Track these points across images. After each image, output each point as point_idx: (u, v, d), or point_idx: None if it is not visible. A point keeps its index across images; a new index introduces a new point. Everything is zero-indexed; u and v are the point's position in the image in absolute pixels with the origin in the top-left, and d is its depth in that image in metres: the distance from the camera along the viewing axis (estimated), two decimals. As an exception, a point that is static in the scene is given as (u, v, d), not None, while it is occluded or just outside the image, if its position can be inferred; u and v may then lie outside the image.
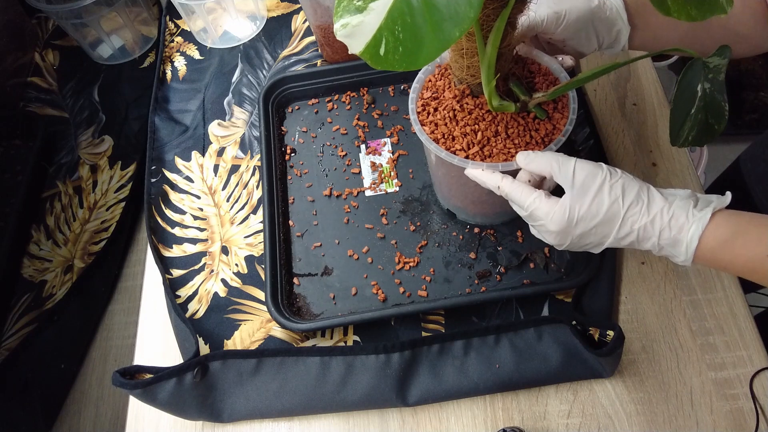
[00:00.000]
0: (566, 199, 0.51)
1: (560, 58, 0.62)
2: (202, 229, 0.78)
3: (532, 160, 0.54)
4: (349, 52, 0.39)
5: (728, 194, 0.49)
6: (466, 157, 0.57)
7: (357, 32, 0.38)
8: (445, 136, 0.59)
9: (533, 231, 0.56)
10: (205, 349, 0.68)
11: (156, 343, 0.71)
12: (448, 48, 0.37)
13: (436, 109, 0.61)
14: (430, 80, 0.63)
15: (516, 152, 0.57)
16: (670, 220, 0.49)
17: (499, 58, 0.54)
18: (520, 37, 0.59)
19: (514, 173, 0.56)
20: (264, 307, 0.67)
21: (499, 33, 0.50)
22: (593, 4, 0.60)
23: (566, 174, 0.51)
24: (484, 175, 0.56)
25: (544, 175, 0.54)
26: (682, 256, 0.49)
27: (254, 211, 0.78)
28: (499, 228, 0.72)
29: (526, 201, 0.53)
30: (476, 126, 0.58)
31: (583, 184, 0.50)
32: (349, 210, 0.76)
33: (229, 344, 0.69)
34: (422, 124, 0.61)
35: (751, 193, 0.82)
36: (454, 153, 0.58)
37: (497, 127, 0.58)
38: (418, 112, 0.62)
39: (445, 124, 0.59)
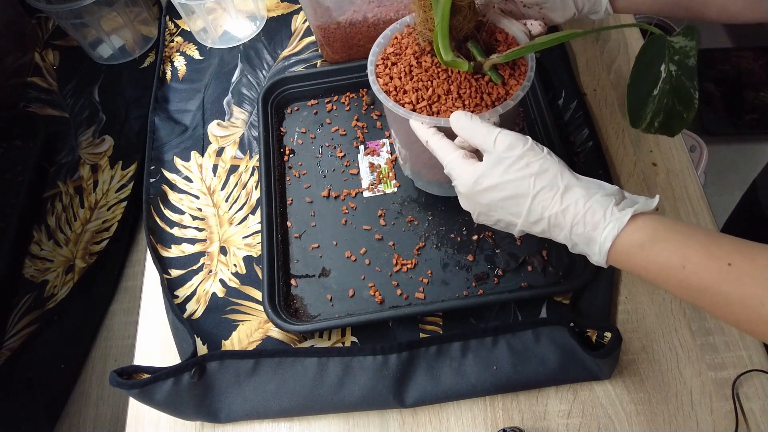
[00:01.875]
0: (480, 165, 0.50)
1: (529, 24, 0.61)
2: (200, 230, 0.78)
3: (465, 122, 0.52)
4: None
5: (657, 197, 0.46)
6: (413, 110, 0.57)
7: None
8: (397, 89, 0.59)
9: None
10: (202, 349, 0.68)
11: (155, 344, 0.71)
12: None
13: (394, 64, 0.61)
14: (396, 38, 0.64)
15: None
16: (584, 214, 0.46)
17: (457, 13, 0.54)
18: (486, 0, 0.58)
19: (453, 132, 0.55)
20: (262, 308, 0.67)
21: None
22: None
23: (488, 142, 0.50)
24: (420, 128, 0.55)
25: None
26: (596, 255, 0.47)
27: (253, 212, 0.78)
28: (497, 231, 0.72)
29: (446, 157, 0.52)
30: (429, 82, 0.58)
31: (500, 154, 0.49)
32: (347, 211, 0.76)
33: (227, 345, 0.69)
34: (378, 76, 0.61)
35: None
36: (402, 106, 0.58)
37: (450, 86, 0.58)
38: (377, 65, 0.62)
39: (399, 78, 0.60)
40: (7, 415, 0.71)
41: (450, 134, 0.55)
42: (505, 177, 0.48)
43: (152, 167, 0.83)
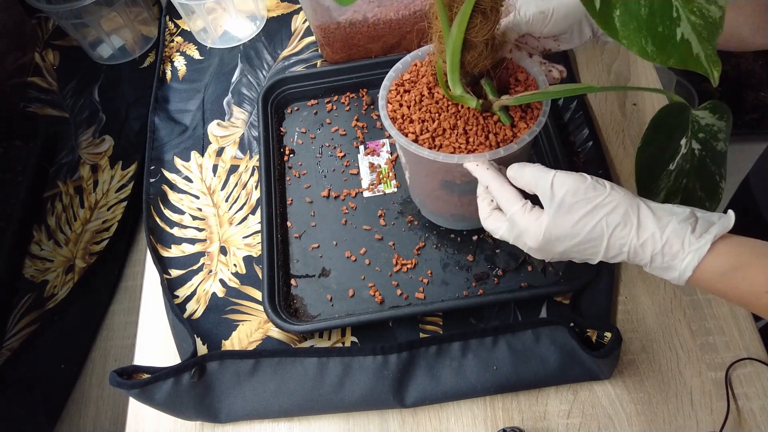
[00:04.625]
0: (544, 218, 0.47)
1: (550, 71, 0.60)
2: (200, 230, 0.78)
3: (518, 173, 0.51)
4: None
5: (731, 214, 0.45)
6: (415, 141, 0.57)
7: None
8: (404, 118, 0.59)
9: (508, 238, 0.51)
10: (202, 349, 0.68)
11: (156, 344, 0.71)
12: None
13: (407, 91, 0.61)
14: (416, 64, 0.63)
15: (466, 150, 0.55)
16: (662, 246, 0.44)
17: (470, 49, 0.52)
18: (503, 36, 0.57)
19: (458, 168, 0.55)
20: (262, 308, 0.67)
21: (464, 17, 0.48)
22: None
23: (544, 188, 0.47)
24: (477, 169, 0.53)
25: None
26: (675, 281, 0.46)
27: (253, 212, 0.78)
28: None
29: (509, 209, 0.49)
30: (436, 114, 0.57)
31: (563, 202, 0.46)
32: (347, 211, 0.76)
33: (227, 344, 0.69)
34: (389, 102, 0.61)
35: (763, 215, 0.79)
36: (406, 135, 0.58)
37: (457, 121, 0.57)
38: (390, 90, 0.62)
39: (408, 107, 0.59)
40: (7, 415, 0.71)
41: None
42: (576, 225, 0.46)
43: (152, 167, 0.83)
